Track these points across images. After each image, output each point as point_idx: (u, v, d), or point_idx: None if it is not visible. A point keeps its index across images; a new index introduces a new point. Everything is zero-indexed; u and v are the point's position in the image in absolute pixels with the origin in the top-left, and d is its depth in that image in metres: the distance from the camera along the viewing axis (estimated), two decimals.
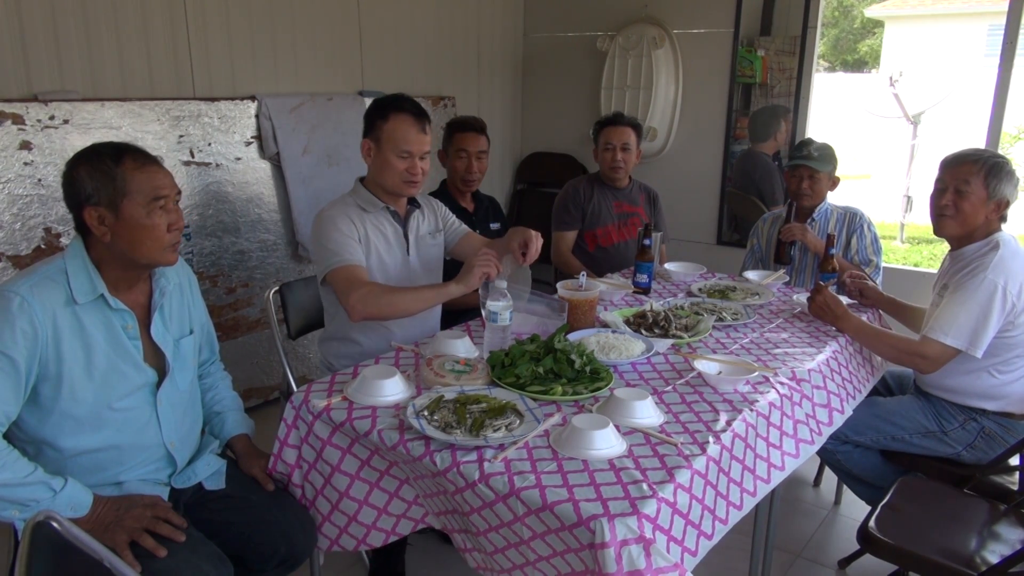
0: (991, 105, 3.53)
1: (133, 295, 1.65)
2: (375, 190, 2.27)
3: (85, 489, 1.53)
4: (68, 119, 2.77)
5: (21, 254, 2.69)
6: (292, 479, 1.78)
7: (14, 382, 1.47)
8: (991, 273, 2.11)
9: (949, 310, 2.15)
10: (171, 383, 1.70)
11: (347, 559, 2.47)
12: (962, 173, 2.20)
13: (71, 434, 1.57)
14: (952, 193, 2.22)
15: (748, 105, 4.34)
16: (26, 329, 1.47)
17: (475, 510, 1.46)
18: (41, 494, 1.46)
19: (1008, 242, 2.19)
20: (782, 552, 2.55)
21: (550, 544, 1.37)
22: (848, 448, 2.36)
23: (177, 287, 1.77)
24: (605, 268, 3.17)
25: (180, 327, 1.77)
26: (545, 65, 4.93)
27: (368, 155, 2.25)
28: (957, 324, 2.12)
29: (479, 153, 2.99)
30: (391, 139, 2.18)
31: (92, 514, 1.52)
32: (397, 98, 2.24)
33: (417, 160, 2.20)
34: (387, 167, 2.21)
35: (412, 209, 2.35)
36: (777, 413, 1.83)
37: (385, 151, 2.20)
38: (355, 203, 2.26)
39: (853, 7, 15.00)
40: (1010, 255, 2.15)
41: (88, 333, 1.55)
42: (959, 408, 2.28)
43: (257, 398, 3.53)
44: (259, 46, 3.46)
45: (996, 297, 2.10)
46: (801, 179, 2.97)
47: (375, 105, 2.25)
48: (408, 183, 2.23)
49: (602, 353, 1.97)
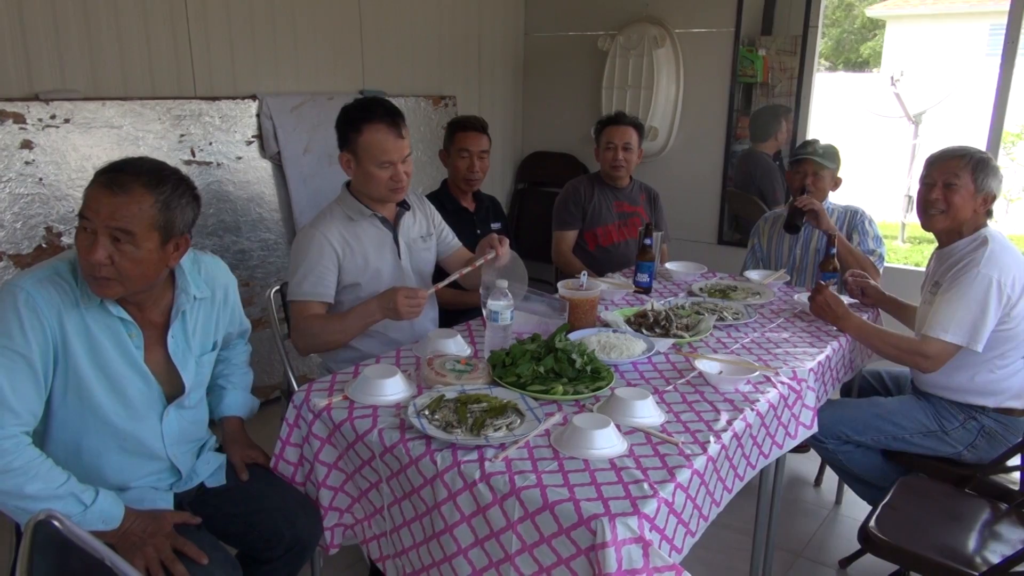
0: (992, 104, 3.53)
1: (144, 314, 1.60)
2: (362, 198, 2.24)
3: (117, 501, 1.51)
4: (69, 118, 2.77)
5: (23, 253, 2.70)
6: (295, 478, 1.79)
7: (33, 380, 1.45)
8: (984, 268, 2.13)
9: (946, 307, 2.16)
10: (184, 400, 1.67)
11: (347, 559, 2.47)
12: (951, 168, 2.23)
13: (77, 434, 1.56)
14: (941, 188, 2.24)
15: (749, 105, 4.34)
16: (34, 323, 1.44)
17: (464, 519, 1.44)
18: (71, 509, 1.43)
19: (996, 237, 2.21)
20: (783, 552, 2.55)
21: (537, 559, 1.36)
22: (849, 448, 2.36)
23: (208, 300, 1.71)
24: (606, 268, 3.17)
25: (204, 343, 1.73)
26: (546, 64, 4.92)
27: (348, 167, 2.21)
28: (956, 320, 2.13)
29: (481, 153, 2.98)
30: (368, 151, 2.13)
31: (120, 528, 1.50)
32: (367, 107, 2.16)
33: (399, 165, 2.16)
34: (370, 179, 2.17)
35: (401, 212, 2.31)
36: (772, 414, 1.83)
37: (365, 164, 2.15)
38: (343, 213, 2.22)
39: (854, 6, 14.98)
40: (1000, 249, 2.17)
41: (94, 336, 1.52)
42: (959, 406, 2.28)
43: (258, 397, 3.51)
44: (260, 45, 3.46)
45: (992, 291, 2.12)
46: (804, 175, 2.95)
47: (345, 117, 2.18)
48: (394, 190, 2.20)
49: (603, 352, 1.97)
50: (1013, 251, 2.20)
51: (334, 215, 2.21)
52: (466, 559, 1.44)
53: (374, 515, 1.69)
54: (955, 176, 2.22)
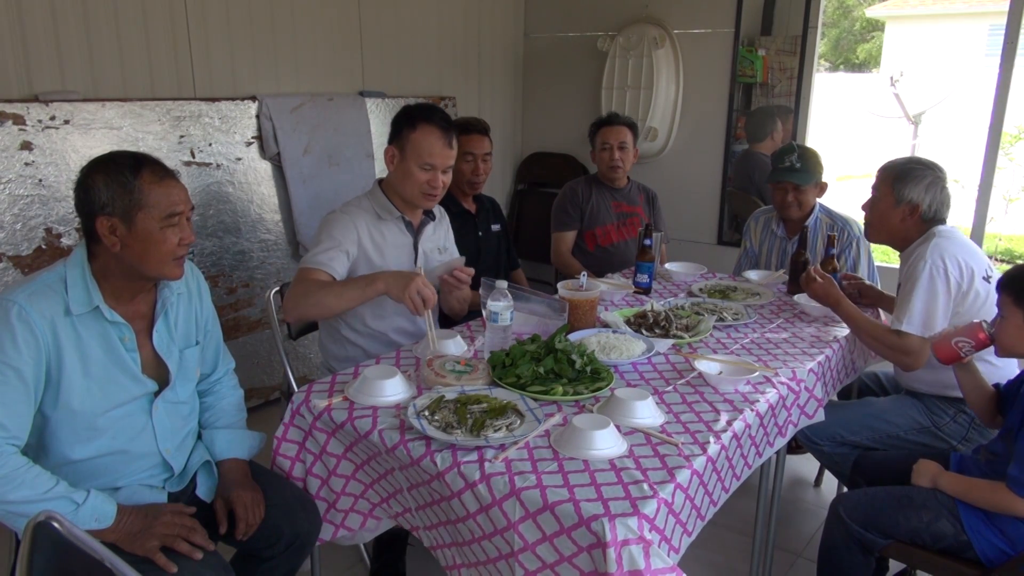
0: (992, 105, 3.53)
1: (135, 305, 1.64)
2: (393, 197, 2.26)
3: (109, 500, 1.52)
4: (69, 119, 2.77)
5: (22, 254, 2.70)
6: (293, 472, 1.79)
7: (24, 393, 1.46)
8: (929, 257, 2.17)
9: (902, 300, 2.22)
10: (171, 392, 1.69)
11: (347, 559, 2.47)
12: (876, 181, 2.34)
13: (66, 443, 1.56)
14: (869, 201, 2.36)
15: (749, 105, 4.34)
16: (27, 337, 1.46)
17: (470, 515, 1.45)
18: (62, 508, 1.44)
19: (943, 231, 2.25)
20: (783, 552, 2.55)
21: (540, 556, 1.36)
22: (845, 450, 2.36)
23: (185, 295, 1.75)
24: (605, 268, 3.17)
25: (186, 337, 1.75)
26: (546, 65, 4.93)
27: (391, 162, 2.23)
28: (909, 311, 2.17)
29: (485, 155, 2.98)
30: (416, 149, 2.16)
31: (117, 525, 1.51)
32: (427, 108, 2.21)
33: (439, 173, 2.18)
34: (408, 177, 2.18)
35: (426, 220, 2.33)
36: (771, 413, 1.83)
37: (408, 161, 2.17)
38: (372, 207, 2.24)
39: (854, 8, 15.00)
40: (945, 240, 2.21)
41: (85, 344, 1.54)
42: (948, 401, 2.28)
43: (258, 398, 3.53)
44: (260, 46, 3.46)
45: (938, 278, 2.15)
46: (786, 192, 2.89)
47: (405, 112, 2.22)
48: (427, 196, 2.21)
49: (603, 353, 1.97)
50: (961, 241, 2.23)
51: (363, 208, 2.23)
52: (490, 542, 1.45)
53: (395, 494, 1.68)
54: (876, 189, 2.32)
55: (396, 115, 2.24)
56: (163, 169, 1.59)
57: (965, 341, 1.89)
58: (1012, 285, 1.79)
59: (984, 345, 1.88)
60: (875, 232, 2.38)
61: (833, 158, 8.33)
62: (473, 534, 1.47)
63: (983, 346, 1.88)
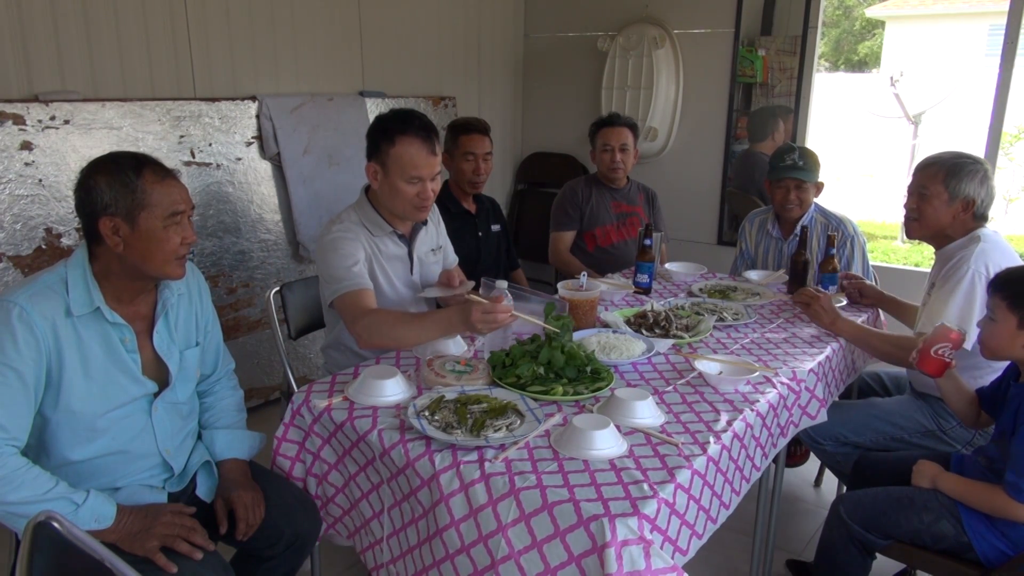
0: (992, 105, 3.54)
1: (136, 306, 1.64)
2: (383, 211, 2.18)
3: (109, 500, 1.52)
4: (69, 119, 2.77)
5: (22, 254, 2.70)
6: (293, 472, 1.79)
7: (24, 394, 1.47)
8: (973, 263, 2.13)
9: (938, 304, 2.17)
10: (171, 393, 1.69)
11: (347, 559, 2.47)
12: (924, 177, 2.25)
13: (66, 444, 1.56)
14: (916, 197, 2.27)
15: (749, 105, 4.34)
16: (28, 338, 1.46)
17: (454, 523, 1.44)
18: (62, 508, 1.44)
19: (988, 236, 2.21)
20: (783, 552, 2.55)
21: (522, 567, 1.35)
22: (848, 450, 2.36)
23: (185, 296, 1.75)
24: (605, 268, 3.17)
25: (187, 338, 1.75)
26: (545, 65, 4.93)
27: (374, 179, 2.13)
28: (945, 316, 2.13)
29: (486, 155, 2.98)
30: (399, 164, 2.06)
31: (117, 525, 1.51)
32: (403, 118, 2.09)
33: (428, 183, 2.10)
34: (396, 194, 2.10)
35: (419, 227, 2.28)
36: (772, 414, 1.83)
37: (393, 177, 2.08)
38: (361, 223, 2.16)
39: (854, 8, 15.00)
40: (991, 247, 2.17)
41: (85, 345, 1.54)
42: None
43: (258, 398, 3.53)
44: (260, 46, 3.46)
45: (978, 285, 2.11)
46: (788, 190, 2.86)
47: (380, 126, 2.11)
48: (419, 208, 2.13)
49: (603, 353, 1.97)
50: (1006, 249, 2.20)
51: (355, 222, 2.15)
52: (468, 556, 1.44)
53: (372, 519, 1.69)
54: (925, 186, 2.24)
55: (370, 128, 2.13)
56: (164, 169, 1.59)
57: (943, 347, 1.87)
58: (1007, 288, 1.76)
59: (960, 343, 1.88)
60: (920, 229, 2.28)
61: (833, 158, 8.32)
62: (448, 549, 1.45)
63: (959, 345, 1.88)
